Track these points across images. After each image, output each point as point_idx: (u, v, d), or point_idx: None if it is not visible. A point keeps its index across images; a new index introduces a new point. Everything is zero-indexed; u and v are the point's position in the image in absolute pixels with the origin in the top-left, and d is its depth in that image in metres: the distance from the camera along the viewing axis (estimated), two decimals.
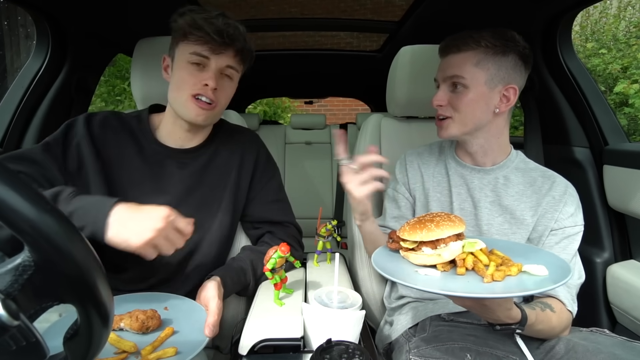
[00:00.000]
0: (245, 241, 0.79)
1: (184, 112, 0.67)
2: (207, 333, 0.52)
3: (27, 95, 0.91)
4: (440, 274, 0.49)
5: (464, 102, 0.64)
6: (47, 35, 0.92)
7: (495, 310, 0.49)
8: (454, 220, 0.51)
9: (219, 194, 0.72)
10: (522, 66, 0.65)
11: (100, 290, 0.27)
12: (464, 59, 0.64)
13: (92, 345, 0.29)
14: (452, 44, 0.66)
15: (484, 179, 0.69)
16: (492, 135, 0.67)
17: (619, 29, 3.03)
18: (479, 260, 0.48)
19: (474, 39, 0.63)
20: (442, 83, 0.68)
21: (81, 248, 0.26)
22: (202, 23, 0.62)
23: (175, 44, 0.67)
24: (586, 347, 0.55)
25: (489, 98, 0.64)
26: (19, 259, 0.26)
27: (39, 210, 0.25)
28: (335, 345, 0.46)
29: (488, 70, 0.63)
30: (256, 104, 3.99)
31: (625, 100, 2.68)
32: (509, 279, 0.45)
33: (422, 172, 0.75)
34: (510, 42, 0.63)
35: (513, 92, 0.64)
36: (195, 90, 0.65)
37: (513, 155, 0.70)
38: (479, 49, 0.63)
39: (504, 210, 0.67)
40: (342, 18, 1.26)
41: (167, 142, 0.71)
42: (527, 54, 0.65)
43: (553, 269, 0.46)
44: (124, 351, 0.49)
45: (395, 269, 0.50)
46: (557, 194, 0.65)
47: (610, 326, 0.85)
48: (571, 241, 0.64)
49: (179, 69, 0.66)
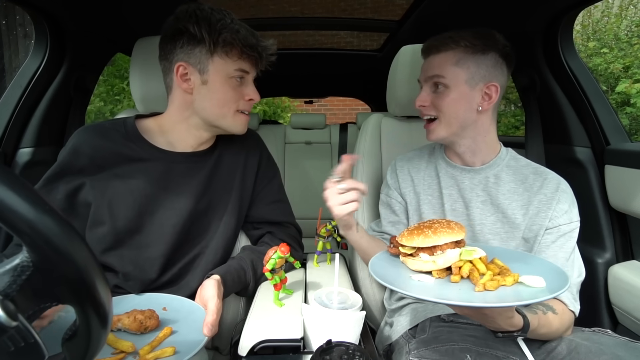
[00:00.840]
0: (245, 241, 0.79)
1: (231, 127, 0.68)
2: (205, 332, 0.52)
3: (26, 95, 0.91)
4: (433, 281, 0.49)
5: (446, 102, 0.65)
6: (45, 34, 0.91)
7: (496, 318, 0.49)
8: (453, 227, 0.51)
9: (225, 197, 0.71)
10: (503, 64, 0.66)
11: (99, 291, 0.27)
12: (444, 58, 0.65)
13: (91, 346, 0.29)
14: (432, 45, 0.67)
15: (475, 179, 0.69)
16: (479, 134, 0.68)
17: (621, 28, 3.01)
18: (476, 268, 0.48)
19: (453, 39, 0.64)
20: (424, 84, 0.69)
21: (80, 249, 0.26)
22: (252, 42, 0.63)
23: (206, 56, 0.62)
24: (589, 348, 0.55)
25: (471, 97, 0.65)
26: (17, 259, 0.26)
27: (37, 211, 0.24)
28: (335, 346, 0.46)
29: (468, 69, 0.64)
30: (256, 103, 3.97)
31: (627, 99, 2.67)
32: (503, 289, 0.45)
33: (412, 176, 0.76)
34: (489, 41, 0.64)
35: (495, 89, 0.65)
36: (240, 106, 0.67)
37: (503, 153, 0.70)
38: (458, 49, 0.64)
39: (496, 210, 0.67)
40: (342, 17, 1.26)
41: (170, 147, 0.69)
42: (507, 52, 0.65)
43: (550, 280, 0.45)
44: (122, 351, 0.49)
45: (390, 274, 0.50)
46: (548, 191, 0.64)
47: (611, 327, 0.84)
48: (567, 239, 0.63)
49: (219, 84, 0.64)
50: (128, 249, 0.65)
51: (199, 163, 0.70)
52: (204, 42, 0.62)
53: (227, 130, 0.69)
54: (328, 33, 1.45)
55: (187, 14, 0.62)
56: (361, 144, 0.93)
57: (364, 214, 0.87)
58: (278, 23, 1.27)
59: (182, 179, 0.68)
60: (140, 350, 0.49)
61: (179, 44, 0.63)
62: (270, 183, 0.77)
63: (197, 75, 0.64)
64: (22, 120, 0.91)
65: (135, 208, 0.65)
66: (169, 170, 0.67)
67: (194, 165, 0.69)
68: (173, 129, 0.69)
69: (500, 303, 0.43)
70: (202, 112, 0.66)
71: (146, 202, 0.65)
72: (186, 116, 0.67)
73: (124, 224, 0.64)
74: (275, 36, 1.44)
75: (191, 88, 0.65)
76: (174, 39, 0.64)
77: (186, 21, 0.62)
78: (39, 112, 0.94)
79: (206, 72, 0.64)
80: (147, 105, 0.84)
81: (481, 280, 0.46)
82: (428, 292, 0.46)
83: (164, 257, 0.65)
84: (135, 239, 0.65)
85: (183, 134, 0.69)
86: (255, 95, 0.68)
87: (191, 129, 0.68)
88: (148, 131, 0.70)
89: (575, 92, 0.93)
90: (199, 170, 0.69)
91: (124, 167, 0.66)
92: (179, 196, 0.67)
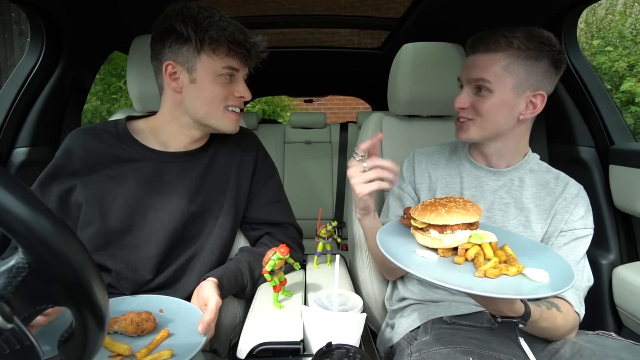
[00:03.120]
0: (243, 242, 0.78)
1: (220, 125, 0.67)
2: (199, 329, 0.51)
3: (21, 94, 0.90)
4: (437, 259, 0.48)
5: (487, 107, 0.61)
6: (41, 32, 0.90)
7: (497, 302, 0.48)
8: (468, 209, 0.49)
9: (220, 197, 0.70)
10: (553, 72, 0.61)
11: (96, 293, 0.27)
12: (492, 60, 0.60)
13: (87, 348, 0.28)
14: (482, 41, 0.61)
15: (499, 181, 0.68)
16: (512, 140, 0.66)
17: (626, 26, 2.99)
18: (483, 253, 0.47)
19: (507, 38, 0.58)
20: (466, 84, 0.65)
21: (76, 249, 0.26)
22: (240, 38, 0.61)
23: (193, 54, 0.62)
24: (592, 351, 0.54)
25: (514, 104, 0.61)
26: (12, 260, 0.26)
27: (33, 211, 0.24)
28: (335, 349, 0.45)
29: (517, 76, 0.60)
30: (255, 102, 3.97)
31: (631, 98, 2.66)
32: (504, 279, 0.44)
33: (429, 172, 0.74)
34: (545, 46, 0.59)
35: (541, 99, 0.61)
36: (230, 102, 0.66)
37: (530, 157, 0.69)
38: (510, 51, 0.59)
39: (519, 213, 0.66)
40: (343, 15, 1.25)
41: (163, 148, 0.69)
42: (561, 59, 0.61)
43: (555, 276, 0.44)
44: (119, 354, 0.49)
45: (394, 244, 0.50)
46: (569, 195, 0.65)
47: (616, 329, 0.84)
48: (580, 243, 0.63)
49: (207, 82, 0.63)
50: (119, 249, 0.64)
51: (191, 162, 0.69)
52: (190, 40, 0.61)
53: (218, 129, 0.68)
54: (328, 31, 1.45)
55: (175, 12, 0.62)
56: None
57: None
58: (277, 21, 1.27)
59: (175, 178, 0.67)
60: (137, 353, 0.49)
61: (167, 43, 0.63)
62: (268, 183, 0.76)
63: (185, 74, 0.63)
64: (17, 120, 0.91)
65: (126, 208, 0.64)
66: (161, 170, 0.67)
67: (186, 164, 0.69)
68: (165, 128, 0.69)
69: (496, 294, 0.42)
70: (192, 111, 0.66)
71: (137, 202, 0.65)
72: (177, 115, 0.67)
73: (114, 224, 0.64)
74: (274, 34, 1.44)
75: (180, 87, 0.64)
76: (162, 38, 0.63)
77: (173, 20, 0.61)
78: (35, 111, 0.93)
79: (194, 71, 0.63)
80: (145, 104, 0.84)
81: (483, 267, 0.45)
82: (426, 270, 0.45)
83: (157, 258, 0.65)
84: (127, 239, 0.64)
85: (175, 134, 0.68)
86: (246, 93, 0.67)
87: (183, 128, 0.68)
88: (140, 132, 0.70)
89: (579, 91, 0.92)
90: (192, 170, 0.69)
91: (115, 167, 0.66)
92: (171, 196, 0.66)
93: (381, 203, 0.84)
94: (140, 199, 0.65)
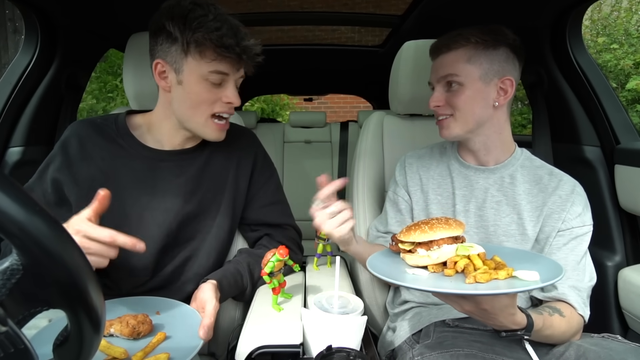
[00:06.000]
0: (242, 244, 0.77)
1: (202, 132, 0.65)
2: (201, 335, 0.51)
3: (16, 92, 0.89)
4: (427, 275, 0.50)
5: (462, 100, 0.64)
6: (36, 29, 0.89)
7: (497, 315, 0.48)
8: (450, 224, 0.52)
9: (217, 197, 0.69)
10: (514, 58, 0.65)
11: (91, 295, 0.27)
12: (455, 56, 0.64)
13: (83, 351, 0.28)
14: (441, 44, 0.66)
15: (490, 179, 0.68)
16: (494, 131, 0.67)
17: (632, 23, 2.96)
18: (472, 264, 0.49)
19: (463, 36, 0.64)
20: (436, 84, 0.68)
21: (71, 251, 0.26)
22: (229, 42, 0.58)
23: (181, 55, 0.59)
24: (597, 354, 0.53)
25: (486, 93, 0.64)
26: (6, 262, 0.25)
27: (27, 212, 0.24)
28: (335, 352, 0.45)
29: (481, 65, 0.64)
30: (253, 101, 3.96)
31: (637, 97, 2.65)
32: (496, 283, 0.46)
33: (420, 174, 0.75)
34: (499, 36, 0.64)
35: (510, 83, 0.65)
36: (217, 108, 0.63)
37: (518, 153, 0.70)
38: (469, 45, 0.63)
39: (511, 211, 0.66)
40: (343, 12, 1.24)
41: (158, 146, 0.68)
42: (517, 45, 0.65)
43: (545, 274, 0.46)
44: (114, 357, 0.48)
45: (385, 267, 0.52)
46: (564, 193, 0.64)
47: (621, 332, 0.83)
48: (579, 242, 0.63)
49: (193, 85, 0.60)
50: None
51: (187, 161, 0.68)
52: (178, 41, 0.59)
53: (199, 135, 0.66)
54: (328, 28, 1.43)
55: (167, 10, 0.60)
56: (363, 143, 0.91)
57: (365, 214, 0.85)
58: (276, 18, 1.25)
59: (169, 177, 0.66)
60: (133, 357, 0.48)
61: (159, 41, 0.61)
62: (267, 183, 0.75)
63: (173, 75, 0.62)
64: (11, 119, 0.90)
65: (119, 207, 0.63)
66: (155, 168, 0.66)
67: (181, 163, 0.68)
68: (160, 126, 0.68)
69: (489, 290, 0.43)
70: (177, 112, 0.64)
71: (131, 201, 0.64)
72: (168, 114, 0.66)
73: (104, 222, 0.62)
74: (273, 31, 1.42)
75: (169, 86, 0.63)
76: (155, 35, 0.62)
77: (165, 18, 0.60)
78: (29, 110, 0.92)
79: (181, 72, 0.61)
80: (141, 102, 0.83)
81: (472, 273, 0.46)
82: (419, 283, 0.47)
83: (152, 259, 0.64)
84: None
85: (169, 132, 0.67)
86: (235, 99, 0.63)
87: (175, 127, 0.67)
88: (138, 128, 0.69)
89: (584, 89, 0.91)
90: (187, 169, 0.68)
91: (109, 163, 0.65)
92: (166, 196, 0.65)
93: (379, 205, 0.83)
94: (133, 197, 0.64)
